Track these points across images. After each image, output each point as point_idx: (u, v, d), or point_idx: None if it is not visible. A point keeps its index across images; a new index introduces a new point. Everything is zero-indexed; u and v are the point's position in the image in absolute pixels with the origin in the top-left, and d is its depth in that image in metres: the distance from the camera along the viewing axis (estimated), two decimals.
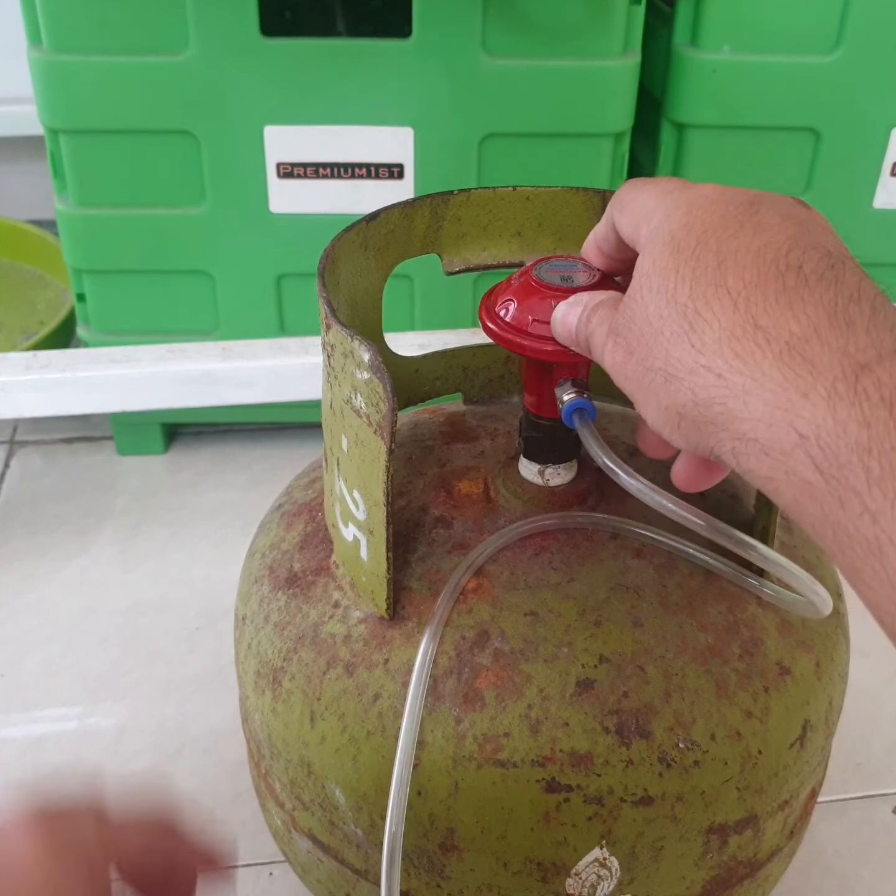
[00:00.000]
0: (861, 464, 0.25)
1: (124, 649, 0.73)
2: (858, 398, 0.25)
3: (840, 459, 0.25)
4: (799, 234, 0.29)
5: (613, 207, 0.36)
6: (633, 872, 0.43)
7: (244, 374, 0.80)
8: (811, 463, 0.26)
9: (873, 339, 0.26)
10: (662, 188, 0.33)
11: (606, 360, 0.33)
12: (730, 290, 0.28)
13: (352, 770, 0.42)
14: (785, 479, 0.27)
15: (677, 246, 0.30)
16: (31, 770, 0.64)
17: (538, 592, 0.43)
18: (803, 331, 0.27)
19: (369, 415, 0.37)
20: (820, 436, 0.26)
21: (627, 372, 0.32)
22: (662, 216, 0.32)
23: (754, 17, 0.75)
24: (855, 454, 0.25)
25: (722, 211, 0.30)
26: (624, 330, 0.32)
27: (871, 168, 0.82)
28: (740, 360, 0.28)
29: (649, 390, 0.31)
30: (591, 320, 0.35)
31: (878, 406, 0.25)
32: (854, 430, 0.25)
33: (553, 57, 0.73)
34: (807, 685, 0.43)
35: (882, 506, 0.24)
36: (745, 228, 0.30)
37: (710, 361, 0.28)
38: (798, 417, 0.26)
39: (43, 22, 0.70)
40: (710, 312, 0.29)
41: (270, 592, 0.47)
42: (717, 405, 0.28)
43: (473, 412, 0.55)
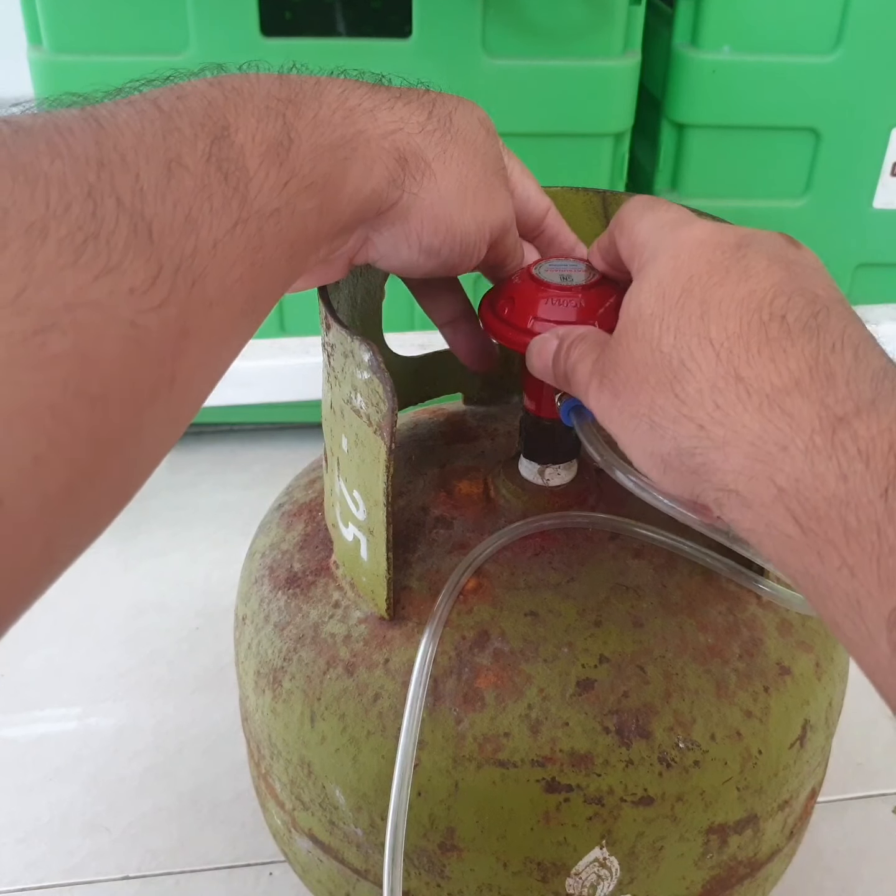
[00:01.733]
0: (839, 517, 0.25)
1: (124, 649, 0.73)
2: (836, 451, 0.25)
3: (819, 513, 0.25)
4: (785, 278, 0.29)
5: (615, 226, 0.36)
6: (633, 872, 0.43)
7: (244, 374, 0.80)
8: (790, 516, 0.26)
9: (852, 391, 0.26)
10: (658, 220, 0.33)
11: (591, 399, 0.33)
12: (713, 341, 0.28)
13: (352, 770, 0.42)
14: (766, 532, 0.27)
15: (663, 293, 0.30)
16: (32, 770, 0.64)
17: (538, 592, 0.43)
18: (784, 383, 0.27)
19: (369, 415, 0.37)
20: (799, 489, 0.26)
21: (613, 414, 0.32)
22: (651, 255, 0.32)
23: (754, 17, 0.75)
24: (833, 508, 0.25)
25: (709, 256, 0.30)
26: (609, 372, 0.32)
27: (871, 168, 0.83)
28: (721, 412, 0.28)
29: (634, 435, 0.31)
30: (571, 355, 0.35)
31: (855, 459, 0.25)
32: (832, 483, 0.25)
33: (553, 57, 0.73)
34: (807, 685, 0.43)
35: (860, 560, 0.24)
36: (731, 275, 0.29)
37: (692, 412, 0.28)
38: (777, 471, 0.26)
39: (43, 22, 0.70)
40: (694, 363, 0.29)
41: (270, 592, 0.47)
42: (698, 455, 0.28)
43: (473, 412, 0.55)
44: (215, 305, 0.25)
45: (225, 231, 0.25)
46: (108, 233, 0.22)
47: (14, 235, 0.20)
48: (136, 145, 0.24)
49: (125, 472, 0.23)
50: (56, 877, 0.58)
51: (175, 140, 0.25)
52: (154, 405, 0.23)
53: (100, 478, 0.22)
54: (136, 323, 0.22)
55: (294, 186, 0.28)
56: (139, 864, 0.59)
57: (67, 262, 0.21)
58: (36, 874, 0.58)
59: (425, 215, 0.35)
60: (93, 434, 0.21)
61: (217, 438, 0.95)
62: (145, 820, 0.61)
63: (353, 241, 0.35)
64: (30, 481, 0.20)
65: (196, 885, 0.58)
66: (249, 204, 0.26)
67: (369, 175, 0.32)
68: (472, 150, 0.36)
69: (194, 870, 0.59)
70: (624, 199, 0.47)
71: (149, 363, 0.23)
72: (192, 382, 0.25)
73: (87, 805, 0.62)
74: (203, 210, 0.25)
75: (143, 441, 0.23)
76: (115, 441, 0.22)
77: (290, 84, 0.30)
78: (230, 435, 0.96)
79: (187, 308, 0.24)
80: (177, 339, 0.23)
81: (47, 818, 0.61)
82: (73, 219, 0.21)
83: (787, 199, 0.84)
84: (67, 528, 0.22)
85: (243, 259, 0.26)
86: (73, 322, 0.20)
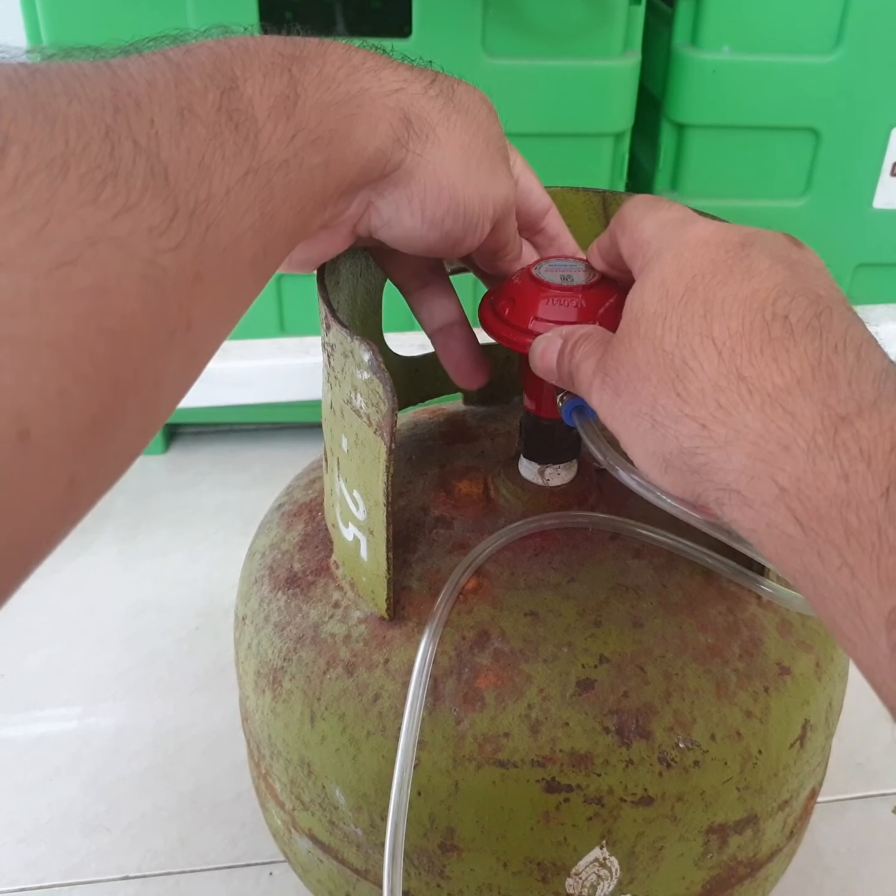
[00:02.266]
0: (840, 517, 0.25)
1: (124, 649, 0.73)
2: (837, 451, 0.25)
3: (819, 512, 0.25)
4: (788, 278, 0.29)
5: (616, 225, 0.36)
6: (633, 872, 0.43)
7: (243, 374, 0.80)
8: (791, 516, 0.26)
9: (854, 391, 0.26)
10: (661, 219, 0.33)
11: (594, 398, 0.33)
12: (715, 340, 0.28)
13: (352, 770, 0.42)
14: (767, 532, 0.27)
15: (666, 292, 0.30)
16: (32, 770, 0.64)
17: (538, 592, 0.43)
18: (786, 383, 0.27)
19: (369, 415, 0.37)
20: (800, 489, 0.26)
21: (615, 413, 0.32)
22: (654, 254, 0.32)
23: (754, 17, 0.75)
24: (834, 507, 0.25)
25: (712, 255, 0.30)
26: (612, 371, 0.32)
27: (871, 168, 0.83)
28: (723, 411, 0.28)
29: (636, 434, 0.31)
30: (575, 354, 0.35)
31: (857, 459, 0.25)
32: (833, 482, 0.25)
33: (553, 57, 0.73)
34: (807, 685, 0.43)
35: (860, 559, 0.24)
36: (735, 274, 0.29)
37: (694, 411, 0.28)
38: (779, 470, 0.26)
39: (43, 22, 0.70)
40: (696, 362, 0.29)
41: (270, 592, 0.47)
42: (700, 455, 0.28)
43: (473, 412, 0.55)
44: (228, 252, 0.25)
45: (237, 179, 0.26)
46: (126, 172, 0.22)
47: (36, 170, 0.20)
48: (150, 93, 0.24)
49: (144, 413, 0.24)
50: (56, 877, 0.58)
51: (186, 90, 0.25)
52: (171, 348, 0.24)
53: (121, 415, 0.22)
54: (155, 262, 0.22)
55: (301, 140, 0.28)
56: (139, 864, 0.59)
57: (88, 199, 0.21)
58: (36, 874, 0.58)
59: (428, 179, 0.35)
60: (114, 370, 0.21)
61: (217, 438, 0.95)
62: (145, 820, 0.61)
63: (355, 206, 0.34)
64: (56, 414, 0.20)
65: (196, 885, 0.58)
66: (259, 154, 0.27)
67: (374, 133, 0.32)
68: (475, 123, 0.36)
69: (194, 870, 0.59)
70: (624, 199, 0.47)
71: (166, 304, 0.23)
72: (207, 329, 0.25)
73: (87, 805, 0.62)
74: (216, 157, 0.25)
75: (161, 383, 0.24)
76: (135, 380, 0.22)
77: (295, 42, 0.31)
78: (230, 435, 0.96)
79: (202, 252, 0.24)
80: (192, 282, 0.24)
81: (47, 818, 0.61)
82: (91, 157, 0.21)
83: (787, 199, 0.84)
84: (90, 467, 0.22)
85: (254, 209, 0.26)
86: (94, 257, 0.21)
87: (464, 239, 0.37)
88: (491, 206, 0.37)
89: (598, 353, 0.33)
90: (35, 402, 0.19)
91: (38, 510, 0.20)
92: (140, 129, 0.23)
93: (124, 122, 0.23)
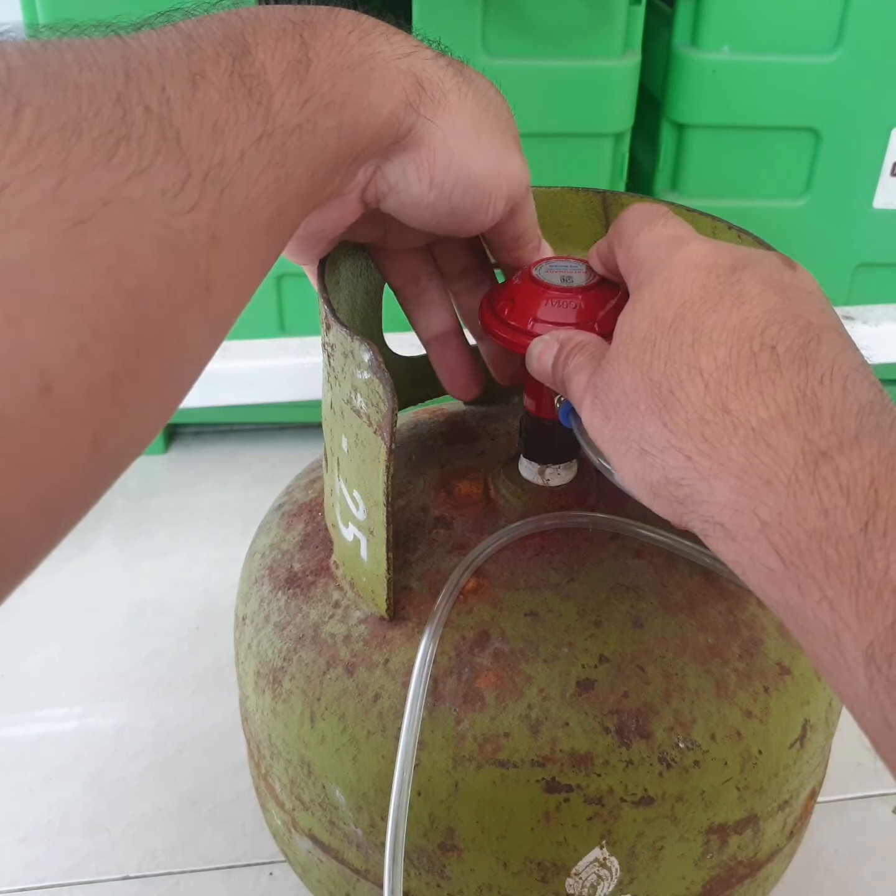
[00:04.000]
0: (819, 551, 0.25)
1: (124, 649, 0.73)
2: (818, 486, 0.25)
3: (800, 547, 0.25)
4: (779, 304, 0.29)
5: (614, 236, 0.36)
6: (633, 872, 0.43)
7: (244, 374, 0.80)
8: (773, 549, 0.26)
9: (836, 425, 0.26)
10: (656, 237, 0.33)
11: (584, 415, 0.33)
12: (702, 371, 0.28)
13: (352, 770, 0.42)
14: (750, 564, 0.27)
15: (656, 317, 0.30)
16: (32, 770, 0.64)
17: (538, 592, 0.43)
18: (770, 417, 0.27)
19: (369, 415, 0.37)
20: (781, 523, 0.26)
21: (605, 436, 0.32)
22: (646, 276, 0.32)
23: (754, 17, 0.75)
24: (814, 541, 0.25)
25: (703, 280, 0.30)
26: (602, 392, 0.32)
27: (871, 168, 0.82)
28: (709, 444, 0.28)
29: (625, 459, 0.31)
30: (569, 363, 0.35)
31: (837, 494, 0.25)
32: (813, 517, 0.25)
33: (553, 57, 0.73)
34: (807, 685, 0.43)
35: (839, 593, 0.24)
36: (725, 301, 0.29)
37: (680, 442, 0.28)
38: (761, 504, 0.26)
39: (43, 22, 0.70)
40: (683, 393, 0.29)
41: (270, 592, 0.47)
42: (685, 486, 0.28)
43: (473, 412, 0.55)
44: (243, 215, 0.25)
45: (251, 142, 0.26)
46: (138, 136, 0.22)
47: (49, 132, 0.21)
48: (161, 61, 0.24)
49: (166, 376, 0.24)
50: (56, 877, 0.58)
51: (198, 57, 0.25)
52: (190, 311, 0.24)
53: (142, 376, 0.22)
54: (170, 224, 0.23)
55: (314, 104, 0.29)
56: (139, 864, 0.59)
57: (101, 161, 0.21)
58: (36, 874, 0.58)
59: (438, 146, 0.34)
60: (133, 329, 0.22)
61: (217, 438, 0.95)
62: (145, 820, 0.61)
63: (363, 171, 0.34)
64: (77, 369, 0.20)
65: (196, 885, 0.58)
66: (273, 118, 0.27)
67: (388, 96, 0.32)
68: (486, 99, 0.37)
69: (194, 870, 0.59)
70: (624, 200, 0.47)
71: (183, 266, 0.23)
72: (225, 294, 0.26)
73: (87, 805, 0.62)
74: (229, 121, 0.25)
75: (182, 346, 0.24)
76: (155, 341, 0.23)
77: (305, 9, 0.31)
78: (230, 435, 0.96)
79: (217, 215, 0.24)
80: (208, 244, 0.24)
81: (47, 818, 0.61)
82: (104, 122, 0.22)
83: (787, 199, 0.84)
84: (113, 426, 0.22)
85: (267, 172, 0.26)
86: (109, 216, 0.21)
87: (474, 216, 0.37)
88: (505, 185, 0.37)
89: (591, 367, 0.33)
90: (56, 357, 0.20)
91: (63, 468, 0.21)
92: (152, 95, 0.23)
93: (135, 88, 0.23)
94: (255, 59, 0.27)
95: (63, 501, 0.21)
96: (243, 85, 0.26)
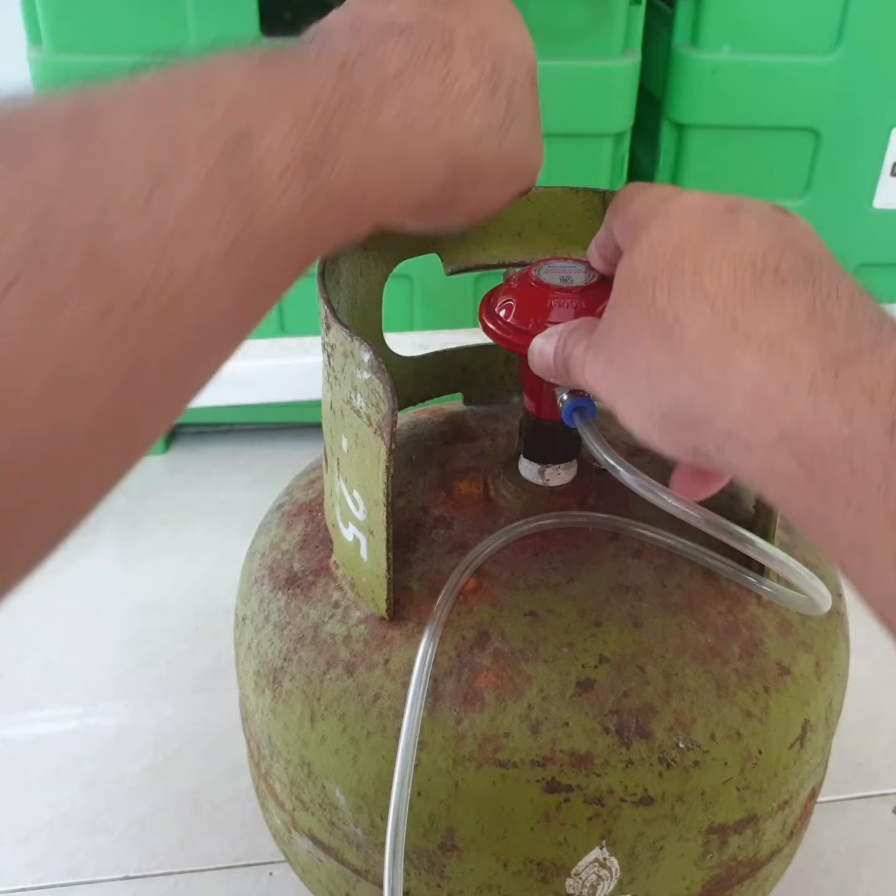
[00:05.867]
0: (844, 456, 0.24)
1: (124, 649, 0.73)
2: (839, 390, 0.25)
3: (823, 453, 0.25)
4: (776, 237, 0.29)
5: (610, 213, 0.36)
6: (633, 872, 0.43)
7: (244, 374, 0.80)
8: (794, 457, 0.25)
9: (852, 332, 0.26)
10: (652, 196, 0.33)
11: (586, 374, 0.33)
12: (706, 294, 0.28)
13: (352, 770, 0.42)
14: (770, 474, 0.27)
15: (654, 255, 0.30)
16: (32, 770, 0.64)
17: (538, 593, 0.43)
18: (781, 327, 0.27)
19: (369, 415, 0.37)
20: (802, 430, 0.25)
21: (609, 380, 0.32)
22: (643, 226, 0.32)
23: (754, 17, 0.75)
24: (837, 447, 0.25)
25: (700, 219, 0.30)
26: (604, 340, 0.32)
27: (871, 168, 0.83)
28: (720, 358, 0.27)
29: (632, 397, 0.31)
30: (567, 343, 0.35)
31: (859, 397, 0.25)
32: (835, 422, 0.25)
33: (553, 57, 0.73)
34: (807, 685, 0.43)
35: (866, 498, 0.24)
36: (722, 234, 0.29)
37: (689, 362, 0.28)
38: (780, 412, 0.26)
39: (43, 22, 0.70)
40: (689, 317, 0.28)
41: (270, 592, 0.47)
42: (699, 404, 0.28)
43: (473, 412, 0.55)
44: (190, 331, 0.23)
45: (214, 260, 0.23)
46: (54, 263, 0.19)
47: None
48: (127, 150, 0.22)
49: None
50: (56, 877, 0.58)
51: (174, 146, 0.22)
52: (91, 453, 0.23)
53: None
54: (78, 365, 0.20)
55: (321, 202, 0.26)
56: (139, 864, 0.59)
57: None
58: (36, 874, 0.58)
59: None
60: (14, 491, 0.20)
61: (217, 438, 0.95)
62: (145, 820, 0.61)
63: None
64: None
65: (196, 885, 0.58)
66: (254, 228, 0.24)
67: (421, 189, 0.31)
68: None
69: (194, 870, 0.59)
70: None
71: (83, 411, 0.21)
72: None
73: (87, 805, 0.62)
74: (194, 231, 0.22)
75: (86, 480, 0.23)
76: (41, 498, 0.22)
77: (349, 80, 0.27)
78: (230, 435, 0.96)
79: (147, 341, 0.22)
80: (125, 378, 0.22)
81: (47, 818, 0.61)
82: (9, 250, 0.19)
83: (787, 200, 0.84)
84: None
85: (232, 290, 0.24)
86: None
87: None
88: None
89: (588, 336, 0.33)
90: None
91: None
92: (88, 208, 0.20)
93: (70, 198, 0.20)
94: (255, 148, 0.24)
95: None
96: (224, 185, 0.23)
